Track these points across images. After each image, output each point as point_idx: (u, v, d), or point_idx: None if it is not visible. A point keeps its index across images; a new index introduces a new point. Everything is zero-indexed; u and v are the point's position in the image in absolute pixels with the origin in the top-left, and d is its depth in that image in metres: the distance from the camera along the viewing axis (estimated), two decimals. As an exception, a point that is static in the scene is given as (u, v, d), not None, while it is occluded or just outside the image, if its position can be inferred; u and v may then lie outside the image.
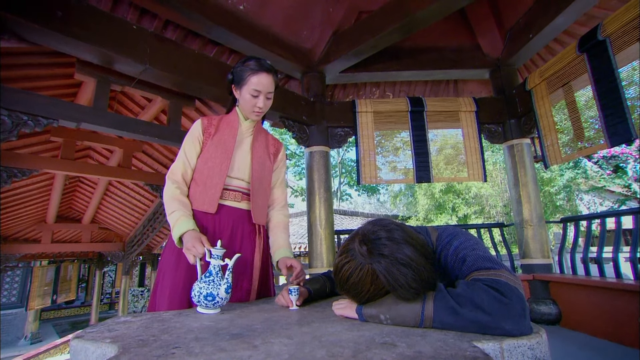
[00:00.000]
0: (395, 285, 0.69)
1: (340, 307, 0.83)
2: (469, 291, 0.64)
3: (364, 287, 0.74)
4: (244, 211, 1.33)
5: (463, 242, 0.82)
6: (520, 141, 3.32)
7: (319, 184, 3.25)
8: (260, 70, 1.24)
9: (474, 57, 3.58)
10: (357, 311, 0.77)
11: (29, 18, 1.83)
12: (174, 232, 1.14)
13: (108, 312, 13.00)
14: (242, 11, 2.85)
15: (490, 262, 0.73)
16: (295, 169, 17.45)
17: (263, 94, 1.26)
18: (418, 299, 0.69)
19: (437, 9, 2.57)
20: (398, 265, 0.69)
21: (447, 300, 0.65)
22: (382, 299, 0.76)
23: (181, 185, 1.26)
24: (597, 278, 2.69)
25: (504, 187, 10.49)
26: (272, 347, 0.58)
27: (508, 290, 0.63)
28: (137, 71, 2.37)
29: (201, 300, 0.94)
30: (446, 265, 0.83)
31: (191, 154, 1.29)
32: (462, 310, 0.62)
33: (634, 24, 2.21)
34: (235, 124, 1.35)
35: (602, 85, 2.39)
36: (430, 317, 0.65)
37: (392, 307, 0.71)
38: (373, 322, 0.74)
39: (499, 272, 0.69)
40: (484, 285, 0.65)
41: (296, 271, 1.22)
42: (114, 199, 7.38)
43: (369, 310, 0.75)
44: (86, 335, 0.71)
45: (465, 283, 0.68)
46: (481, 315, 0.61)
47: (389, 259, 0.70)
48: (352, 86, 4.08)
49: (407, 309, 0.69)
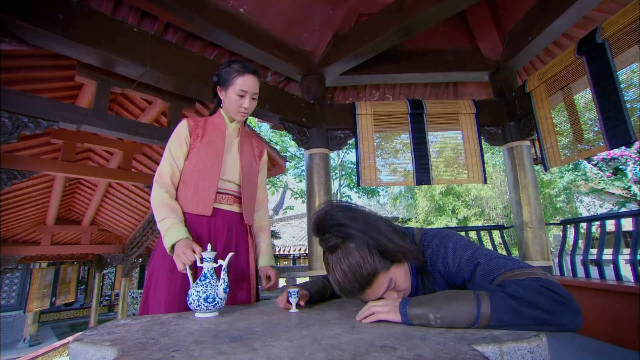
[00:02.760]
0: (375, 243, 0.78)
1: (381, 311, 0.75)
2: (526, 291, 0.65)
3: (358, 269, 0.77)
4: (236, 214, 1.34)
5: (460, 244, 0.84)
6: (519, 143, 3.32)
7: (319, 186, 3.25)
8: (246, 71, 1.29)
9: (473, 59, 3.59)
10: (401, 311, 0.72)
11: (30, 21, 1.83)
12: (166, 240, 1.12)
13: (107, 314, 12.97)
14: (242, 14, 2.86)
15: (513, 262, 0.75)
16: (295, 171, 17.43)
17: (249, 94, 1.30)
18: (470, 298, 0.66)
19: (437, 12, 2.58)
20: (356, 221, 0.81)
21: (505, 299, 0.65)
22: (430, 297, 0.72)
23: (170, 189, 1.24)
24: (597, 280, 2.68)
25: (503, 189, 10.49)
26: (271, 350, 0.58)
27: (560, 288, 0.66)
28: (138, 73, 2.38)
29: (201, 304, 0.93)
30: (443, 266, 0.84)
31: (178, 155, 1.27)
32: (522, 308, 0.63)
33: (633, 27, 2.21)
34: (222, 126, 1.35)
35: (601, 87, 2.40)
36: (487, 315, 0.64)
37: (443, 305, 0.68)
38: (419, 323, 0.69)
39: (534, 271, 0.71)
40: (537, 285, 0.66)
41: (270, 283, 1.34)
42: (114, 201, 7.38)
43: (416, 311, 0.70)
44: (86, 338, 0.71)
45: (514, 283, 0.68)
46: (540, 314, 0.63)
47: (348, 223, 0.80)
48: (352, 88, 4.09)
49: (461, 308, 0.66)
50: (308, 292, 1.07)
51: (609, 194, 11.59)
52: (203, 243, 1.21)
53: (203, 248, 1.12)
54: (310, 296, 1.07)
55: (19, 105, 2.23)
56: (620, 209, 11.09)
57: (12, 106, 2.20)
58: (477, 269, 0.77)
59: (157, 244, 1.25)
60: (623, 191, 11.33)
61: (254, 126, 11.45)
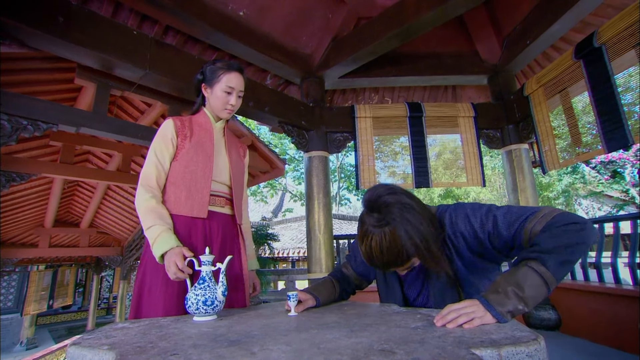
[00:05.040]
0: (416, 235, 0.81)
1: (479, 316, 0.71)
2: (560, 238, 0.75)
3: (399, 250, 0.82)
4: (228, 216, 1.34)
5: (475, 204, 0.94)
6: (518, 146, 3.34)
7: (318, 188, 3.25)
8: (233, 69, 1.29)
9: (472, 63, 3.61)
10: (493, 314, 0.71)
11: (30, 23, 1.84)
12: (155, 249, 1.09)
13: (105, 317, 12.89)
14: (242, 17, 2.88)
15: (522, 209, 0.85)
16: (294, 173, 17.44)
17: (235, 91, 1.29)
18: (532, 274, 0.73)
19: (436, 16, 2.60)
20: (410, 215, 0.82)
21: (553, 257, 0.73)
22: (499, 289, 0.74)
23: (156, 192, 1.19)
24: (596, 283, 2.69)
25: (502, 192, 10.52)
26: (270, 354, 0.58)
27: (574, 217, 0.78)
28: (137, 76, 2.38)
29: (200, 307, 0.93)
30: (464, 225, 0.91)
31: (164, 156, 1.23)
32: (567, 255, 0.74)
33: (629, 31, 2.23)
34: (208, 126, 1.34)
35: (599, 91, 2.41)
36: (552, 279, 0.73)
37: (520, 292, 0.72)
38: (512, 316, 0.72)
39: (545, 212, 0.81)
40: (562, 227, 0.77)
41: (255, 293, 1.42)
42: (113, 203, 7.36)
43: (507, 307, 0.71)
44: (83, 341, 0.71)
45: (543, 233, 0.78)
46: (579, 248, 0.75)
47: (400, 213, 0.82)
48: (351, 91, 4.10)
49: (534, 287, 0.72)
50: (315, 299, 1.06)
51: (607, 197, 11.62)
52: (199, 246, 1.19)
53: (199, 252, 1.11)
54: (317, 305, 1.06)
55: (18, 107, 2.24)
56: (619, 211, 11.11)
57: (11, 108, 2.20)
58: (497, 221, 0.86)
59: (146, 246, 1.20)
60: (621, 194, 11.37)
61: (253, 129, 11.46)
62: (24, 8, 1.83)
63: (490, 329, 0.69)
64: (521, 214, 0.84)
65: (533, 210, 0.84)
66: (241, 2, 2.82)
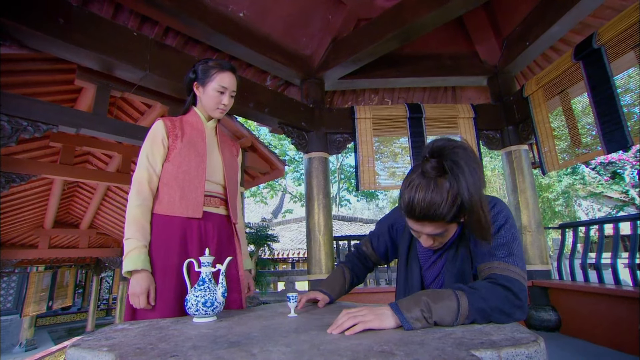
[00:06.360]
0: (475, 191, 0.76)
1: (367, 320, 0.72)
2: (495, 297, 0.76)
3: (434, 206, 0.77)
4: (223, 217, 1.33)
5: (511, 230, 0.88)
6: (518, 147, 3.34)
7: (318, 190, 3.25)
8: (225, 68, 1.28)
9: (471, 64, 3.62)
10: (399, 317, 0.72)
11: (31, 25, 1.84)
12: (126, 263, 1.09)
13: (105, 318, 12.86)
14: (242, 18, 2.88)
15: (516, 249, 0.84)
16: (294, 174, 17.44)
17: (228, 91, 1.29)
18: (452, 294, 0.75)
19: (435, 17, 2.61)
20: (471, 164, 0.77)
21: (479, 302, 0.74)
22: (416, 298, 0.75)
23: (147, 199, 1.18)
24: (596, 284, 2.68)
25: (502, 193, 10.51)
26: (270, 356, 0.58)
27: (521, 293, 0.77)
28: (138, 77, 2.39)
29: (199, 309, 0.93)
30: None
31: (155, 159, 1.21)
32: (489, 313, 0.74)
33: (629, 33, 2.24)
34: (200, 125, 1.33)
35: (598, 92, 2.42)
36: (466, 314, 0.73)
37: (432, 306, 0.73)
38: (416, 326, 0.71)
39: (515, 269, 0.80)
40: (505, 291, 0.76)
41: (249, 293, 1.40)
42: (113, 204, 7.35)
43: (413, 314, 0.72)
44: (83, 343, 0.70)
45: (490, 283, 0.78)
46: (502, 318, 0.75)
47: (464, 161, 0.77)
48: (351, 93, 4.10)
49: (445, 307, 0.73)
50: (328, 296, 1.07)
51: (607, 198, 11.62)
52: (195, 248, 1.19)
53: (195, 254, 1.12)
54: (330, 302, 1.08)
55: (18, 108, 2.24)
56: (619, 212, 11.11)
57: (11, 109, 2.20)
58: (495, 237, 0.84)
59: None
60: (621, 195, 11.37)
61: (253, 130, 11.46)
62: (24, 9, 1.83)
63: (490, 330, 0.69)
64: (508, 253, 0.83)
65: (515, 259, 0.82)
66: (241, 3, 2.83)
